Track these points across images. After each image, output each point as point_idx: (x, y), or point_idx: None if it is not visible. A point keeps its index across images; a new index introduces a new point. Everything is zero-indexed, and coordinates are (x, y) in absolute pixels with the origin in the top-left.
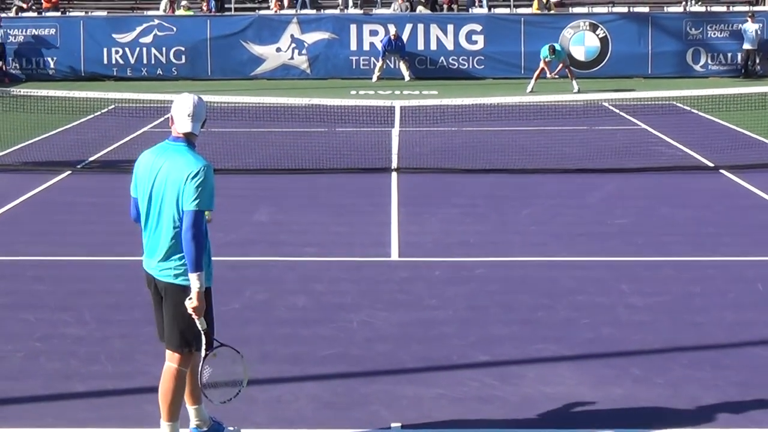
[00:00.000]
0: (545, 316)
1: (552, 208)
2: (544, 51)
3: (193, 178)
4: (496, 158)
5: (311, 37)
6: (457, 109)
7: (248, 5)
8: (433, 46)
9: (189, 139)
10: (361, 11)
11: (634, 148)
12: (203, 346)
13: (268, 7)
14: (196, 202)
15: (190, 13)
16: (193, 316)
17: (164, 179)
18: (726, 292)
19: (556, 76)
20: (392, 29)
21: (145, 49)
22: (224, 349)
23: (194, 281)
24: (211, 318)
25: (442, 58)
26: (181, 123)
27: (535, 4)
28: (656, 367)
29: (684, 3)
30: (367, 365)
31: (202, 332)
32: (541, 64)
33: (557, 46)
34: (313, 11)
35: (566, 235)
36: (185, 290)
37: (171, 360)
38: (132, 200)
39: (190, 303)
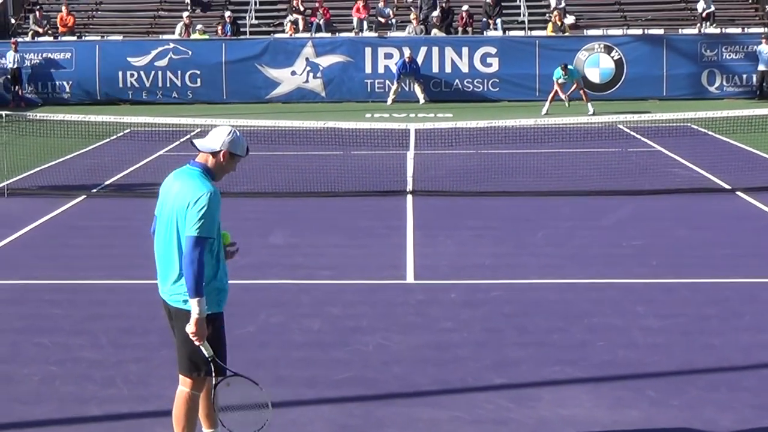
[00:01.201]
0: (561, 338)
1: (567, 231)
2: (557, 72)
3: (195, 203)
4: (511, 181)
5: (326, 61)
6: (471, 132)
7: (263, 29)
8: (448, 69)
9: (206, 165)
10: (376, 34)
11: (650, 170)
12: (213, 373)
13: (283, 31)
14: (196, 227)
15: (206, 36)
16: (195, 341)
17: (173, 203)
18: (742, 313)
19: (569, 98)
20: (407, 52)
21: (160, 73)
22: (239, 379)
23: (193, 307)
24: (221, 344)
25: (456, 80)
26: (203, 137)
27: (550, 26)
28: (672, 389)
29: (699, 25)
30: (383, 388)
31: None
32: (555, 86)
33: (570, 66)
34: (328, 34)
35: (581, 257)
36: (183, 314)
37: (183, 384)
38: (154, 218)
39: (189, 328)
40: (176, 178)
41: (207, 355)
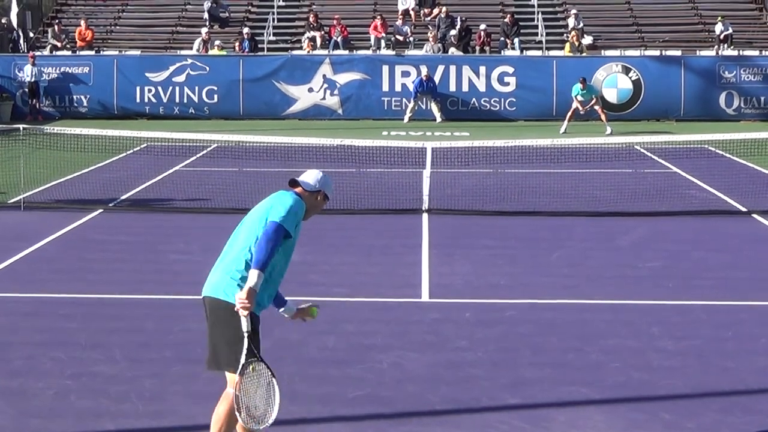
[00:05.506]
0: (575, 358)
1: (583, 251)
2: (576, 88)
3: (283, 201)
4: (527, 200)
5: (343, 78)
6: (488, 151)
7: (281, 45)
8: (465, 88)
9: (302, 194)
10: (394, 52)
11: (666, 192)
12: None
13: (300, 48)
14: (281, 216)
15: (224, 53)
16: (240, 309)
17: (262, 206)
18: (757, 336)
19: (587, 111)
20: (424, 70)
21: (177, 88)
22: (262, 366)
23: (252, 276)
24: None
25: (473, 99)
26: (303, 176)
27: (567, 46)
28: (687, 411)
29: (716, 47)
30: (397, 406)
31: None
32: (574, 104)
33: (588, 81)
34: (346, 52)
35: (597, 278)
36: (223, 305)
37: (231, 385)
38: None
39: (240, 295)
40: (272, 195)
41: (244, 330)
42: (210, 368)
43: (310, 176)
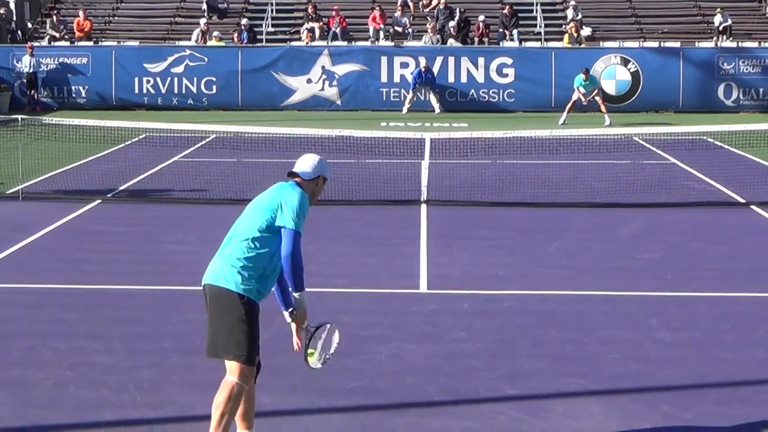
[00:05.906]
0: (574, 350)
1: (581, 242)
2: (578, 79)
3: (290, 199)
4: (525, 191)
5: (342, 69)
6: (487, 142)
7: (280, 36)
8: (464, 79)
9: (302, 184)
10: (392, 43)
11: (664, 183)
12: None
13: (299, 39)
14: (293, 221)
15: (222, 43)
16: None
17: (269, 198)
18: (756, 328)
19: (590, 100)
20: (423, 61)
21: (176, 79)
22: (321, 329)
23: (299, 300)
24: (256, 334)
25: (472, 90)
26: (299, 165)
27: (566, 38)
28: (685, 403)
29: (715, 38)
30: (395, 397)
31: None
32: (575, 95)
33: (590, 72)
34: (344, 43)
35: (595, 269)
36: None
37: (230, 373)
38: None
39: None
40: (273, 187)
41: (307, 337)
42: (209, 355)
43: (307, 164)
